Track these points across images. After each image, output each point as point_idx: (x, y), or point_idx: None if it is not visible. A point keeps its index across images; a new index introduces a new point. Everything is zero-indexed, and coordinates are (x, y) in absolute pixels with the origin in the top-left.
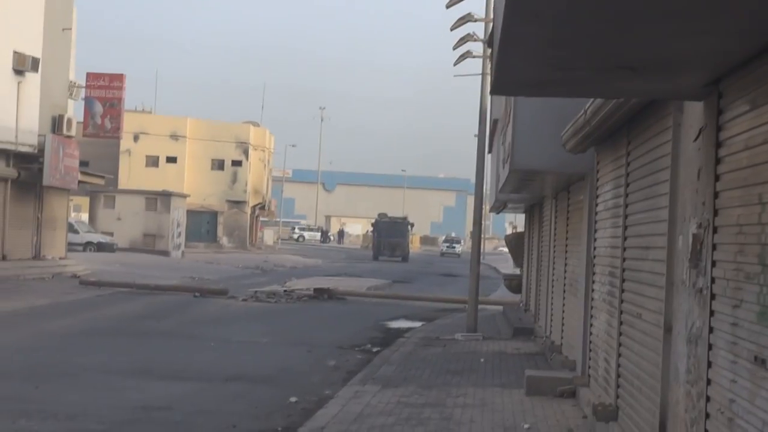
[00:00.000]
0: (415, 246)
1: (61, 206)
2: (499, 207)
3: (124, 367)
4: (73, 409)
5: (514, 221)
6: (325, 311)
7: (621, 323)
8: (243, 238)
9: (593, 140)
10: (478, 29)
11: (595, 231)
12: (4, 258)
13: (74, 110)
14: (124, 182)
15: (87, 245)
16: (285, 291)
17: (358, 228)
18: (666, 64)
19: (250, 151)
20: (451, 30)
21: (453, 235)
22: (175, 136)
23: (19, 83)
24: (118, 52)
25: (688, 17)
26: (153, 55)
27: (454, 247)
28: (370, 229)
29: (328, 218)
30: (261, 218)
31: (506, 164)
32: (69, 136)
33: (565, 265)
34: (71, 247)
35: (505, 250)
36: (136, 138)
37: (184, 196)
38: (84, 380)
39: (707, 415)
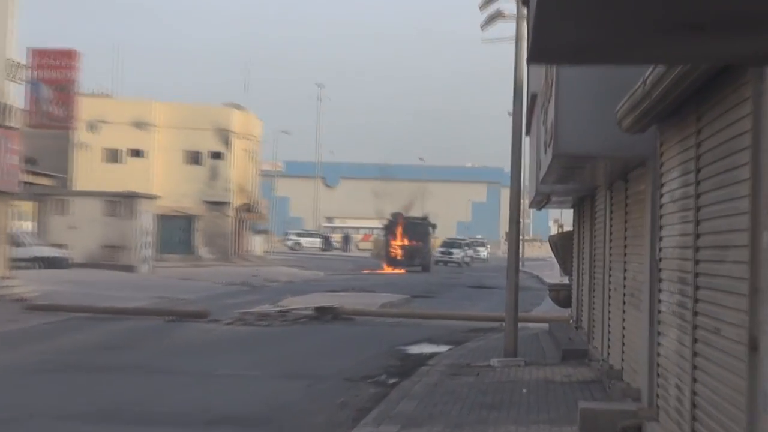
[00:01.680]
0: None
1: (1, 214)
2: (540, 201)
3: (83, 410)
4: None
5: (560, 218)
6: (328, 335)
7: (695, 341)
8: (226, 247)
9: (655, 117)
10: None
11: (660, 228)
12: None
13: (16, 96)
14: (79, 182)
15: (34, 261)
16: (279, 311)
17: (367, 231)
18: (745, 20)
19: (233, 141)
20: None
21: (467, 237)
22: (140, 125)
23: None
24: (73, 24)
25: None
26: (113, 27)
27: (451, 253)
28: (382, 232)
29: (330, 221)
30: (248, 222)
31: (548, 148)
32: (10, 128)
33: (624, 271)
34: (15, 263)
35: (550, 255)
36: (92, 128)
37: (153, 198)
38: (33, 428)
39: None
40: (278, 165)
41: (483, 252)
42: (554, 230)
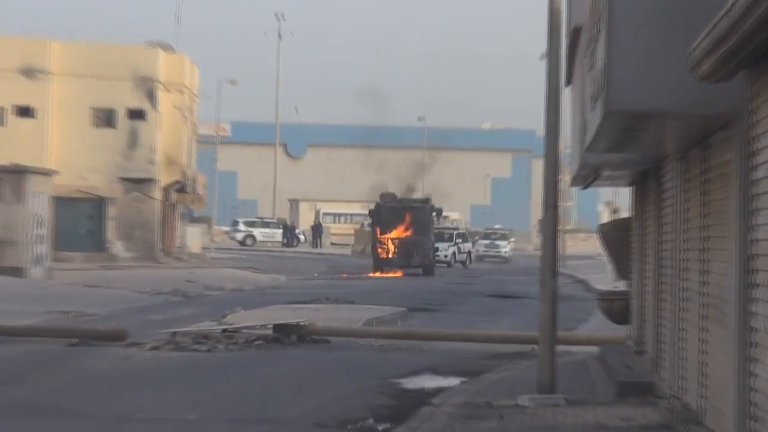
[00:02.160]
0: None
1: None
2: (587, 177)
3: None
4: None
5: (614, 201)
6: (293, 363)
7: None
8: (150, 241)
9: (745, 59)
10: None
11: (754, 213)
12: None
13: None
14: None
15: None
16: (225, 331)
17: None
18: None
19: (160, 94)
20: None
21: (463, 225)
22: (30, 72)
23: None
24: None
25: None
26: None
27: (435, 248)
28: (367, 221)
29: (294, 204)
30: (181, 207)
31: (597, 103)
32: None
33: (704, 273)
34: None
35: (599, 251)
36: None
37: (49, 174)
38: None
39: None
40: (223, 128)
41: (504, 247)
42: (606, 217)
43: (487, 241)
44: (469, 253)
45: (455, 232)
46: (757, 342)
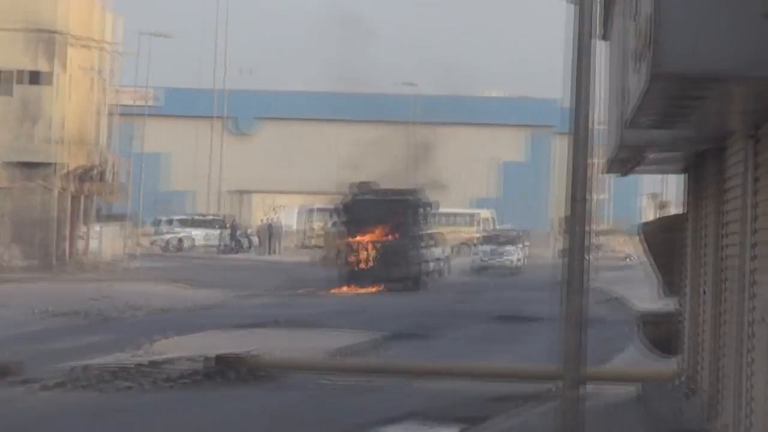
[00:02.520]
0: None
1: None
2: (626, 161)
3: None
4: None
5: (662, 192)
6: (237, 407)
7: None
8: (48, 245)
9: None
10: None
11: None
12: None
13: None
14: None
15: None
16: (148, 363)
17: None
18: None
19: (66, 51)
20: None
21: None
22: None
23: None
24: None
25: None
26: None
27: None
28: (333, 218)
29: (241, 197)
30: (91, 201)
31: (642, 63)
32: None
33: None
34: None
35: (642, 258)
36: None
37: None
38: None
39: None
40: (149, 95)
41: (512, 254)
42: (651, 214)
43: (489, 247)
44: (447, 259)
45: (511, 234)
46: None
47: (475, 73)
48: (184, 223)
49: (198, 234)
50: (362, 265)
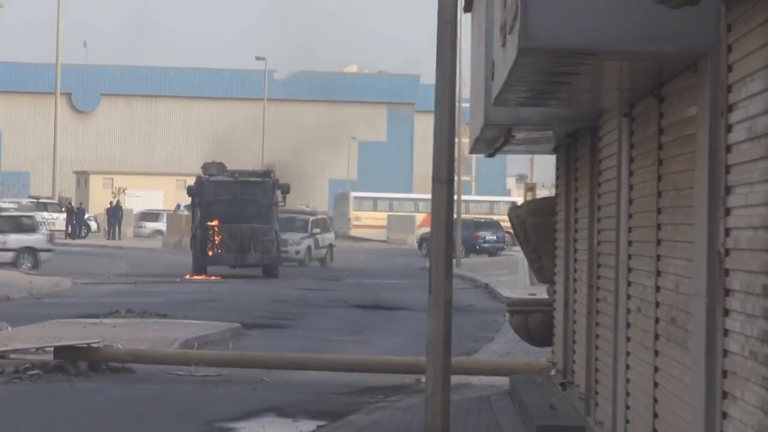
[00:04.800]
0: None
1: None
2: (494, 140)
3: None
4: None
5: (530, 175)
6: (82, 403)
7: None
8: None
9: None
10: None
11: (728, 191)
12: None
13: None
14: None
15: None
16: None
17: (156, 199)
18: None
19: None
20: None
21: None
22: None
23: None
24: None
25: None
26: None
27: (286, 245)
28: (184, 202)
29: (82, 178)
30: None
31: (510, 37)
32: None
33: (658, 274)
34: None
35: (512, 244)
36: None
37: None
38: None
39: None
40: None
41: (300, 243)
42: (519, 197)
43: None
44: (331, 246)
45: (311, 218)
46: (733, 370)
47: (330, 49)
48: (18, 207)
49: (40, 217)
50: (214, 250)
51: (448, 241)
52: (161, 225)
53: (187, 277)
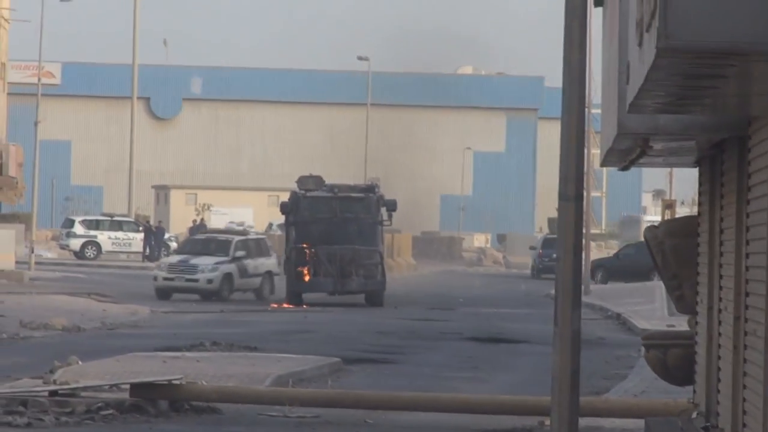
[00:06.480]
0: (401, 259)
1: None
2: (628, 152)
3: None
4: None
5: (669, 191)
6: None
7: None
8: None
9: None
10: None
11: None
12: None
13: None
14: None
15: None
16: (53, 394)
17: (244, 216)
18: None
19: None
20: None
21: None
22: None
23: None
24: None
25: None
26: None
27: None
28: (277, 220)
29: (163, 194)
30: None
31: (647, 33)
32: None
33: None
34: None
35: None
36: None
37: None
38: None
39: None
40: (48, 72)
41: (210, 271)
42: (656, 216)
43: (178, 258)
44: (270, 275)
45: (236, 239)
46: None
47: (443, 48)
48: (92, 225)
49: (109, 238)
50: (311, 276)
51: (576, 266)
52: None
53: (279, 305)
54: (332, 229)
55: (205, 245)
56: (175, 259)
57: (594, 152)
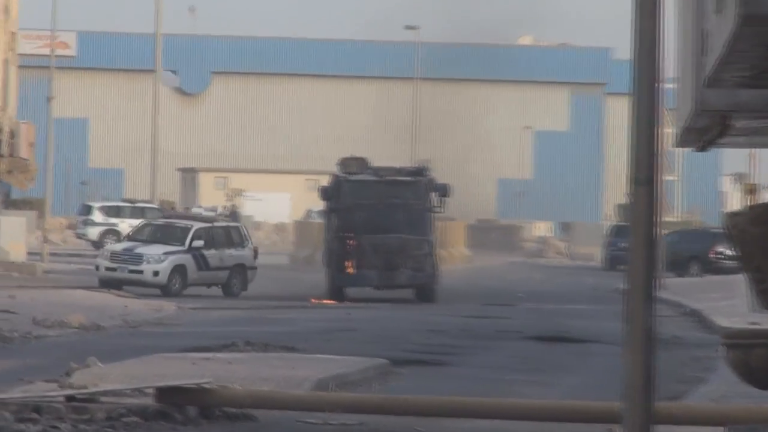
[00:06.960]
0: (454, 250)
1: None
2: (706, 131)
3: None
4: None
5: (751, 173)
6: None
7: None
8: None
9: None
10: None
11: None
12: None
13: None
14: None
15: None
16: (71, 399)
17: (281, 203)
18: None
19: None
20: None
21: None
22: None
23: None
24: None
25: None
26: None
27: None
28: (317, 207)
29: (190, 177)
30: None
31: (727, 2)
32: None
33: None
34: None
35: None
36: None
37: None
38: None
39: None
40: (63, 43)
41: (209, 258)
42: (738, 202)
43: (122, 246)
44: (244, 267)
45: (195, 227)
46: None
47: (499, 17)
48: (111, 211)
49: (130, 226)
50: (355, 268)
51: (650, 257)
52: None
53: (321, 300)
54: (378, 216)
55: (159, 232)
56: (119, 246)
57: (667, 131)
